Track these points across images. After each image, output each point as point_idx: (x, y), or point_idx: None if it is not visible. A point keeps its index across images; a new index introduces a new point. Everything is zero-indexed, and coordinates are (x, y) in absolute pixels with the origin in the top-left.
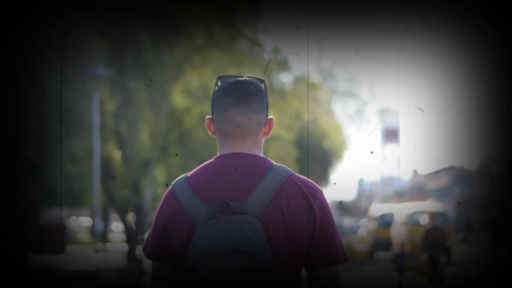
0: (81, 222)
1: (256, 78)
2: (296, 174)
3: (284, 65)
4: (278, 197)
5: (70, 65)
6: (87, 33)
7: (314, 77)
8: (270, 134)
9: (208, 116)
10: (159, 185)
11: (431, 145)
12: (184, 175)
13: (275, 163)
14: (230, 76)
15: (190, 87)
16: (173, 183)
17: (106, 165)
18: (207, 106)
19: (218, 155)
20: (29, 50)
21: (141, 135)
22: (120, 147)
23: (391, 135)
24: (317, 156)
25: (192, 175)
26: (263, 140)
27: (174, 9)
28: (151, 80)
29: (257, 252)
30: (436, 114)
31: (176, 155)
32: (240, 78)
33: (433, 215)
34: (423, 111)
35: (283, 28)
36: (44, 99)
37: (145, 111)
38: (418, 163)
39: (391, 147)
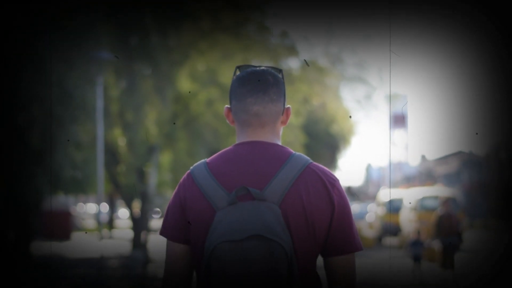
0: (88, 209)
1: (274, 68)
2: (315, 163)
3: (292, 50)
4: (298, 185)
5: (74, 49)
6: (91, 16)
7: (322, 62)
8: (287, 122)
9: (226, 106)
10: (165, 171)
11: (439, 130)
12: (203, 160)
13: (293, 151)
14: (248, 66)
15: (196, 71)
16: (191, 167)
17: (111, 151)
18: (214, 91)
19: (236, 142)
20: (31, 34)
21: (147, 120)
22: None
23: (399, 120)
24: (326, 141)
25: (211, 161)
26: (281, 129)
27: None
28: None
29: (277, 238)
30: (444, 99)
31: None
32: (257, 68)
33: (446, 201)
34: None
35: (292, 12)
36: (47, 84)
37: (150, 96)
38: (426, 148)
39: (399, 133)
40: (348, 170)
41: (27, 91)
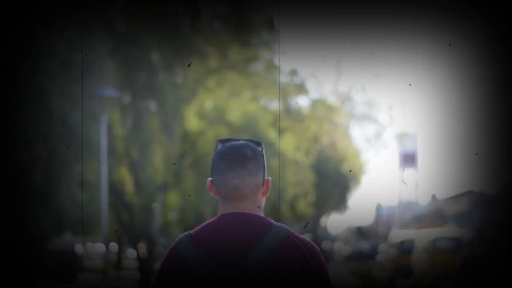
0: (96, 249)
1: (253, 141)
2: (295, 234)
3: (301, 88)
4: (278, 255)
5: (77, 86)
6: (96, 52)
7: (332, 100)
8: (268, 194)
9: (209, 178)
10: (172, 210)
11: (450, 169)
12: (187, 232)
13: (274, 222)
14: (228, 140)
15: (204, 109)
16: (176, 240)
17: (117, 190)
18: (222, 129)
19: (219, 214)
20: (36, 71)
21: (154, 159)
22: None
23: (409, 159)
24: (336, 180)
25: (194, 232)
26: (263, 200)
27: (187, 29)
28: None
29: None
30: (455, 137)
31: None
32: (236, 142)
33: (470, 242)
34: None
35: (300, 50)
36: (51, 122)
37: (157, 134)
38: (436, 187)
39: (409, 172)
40: (358, 210)
41: (30, 128)
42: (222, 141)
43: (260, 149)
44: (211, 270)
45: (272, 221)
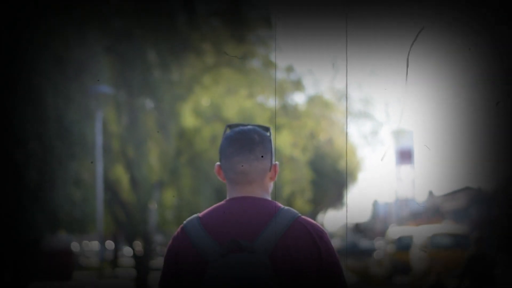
0: (92, 247)
1: (261, 126)
2: (303, 217)
3: (298, 85)
4: (287, 238)
5: (72, 83)
6: (91, 49)
7: (328, 97)
8: (276, 178)
9: (217, 163)
10: (168, 209)
11: (446, 166)
12: (195, 215)
13: (282, 206)
14: (237, 125)
15: (200, 106)
16: (184, 222)
17: (112, 189)
18: (218, 127)
19: (227, 198)
20: (30, 68)
21: (150, 157)
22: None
23: (405, 156)
24: (333, 178)
25: (203, 216)
26: (271, 184)
27: (183, 25)
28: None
29: (266, 287)
30: (451, 134)
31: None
32: (245, 127)
33: (478, 239)
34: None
35: (297, 46)
36: (46, 119)
37: (153, 132)
38: (433, 184)
39: (405, 169)
40: (355, 206)
41: (24, 126)
42: (230, 126)
43: (268, 134)
44: (221, 255)
45: (280, 204)
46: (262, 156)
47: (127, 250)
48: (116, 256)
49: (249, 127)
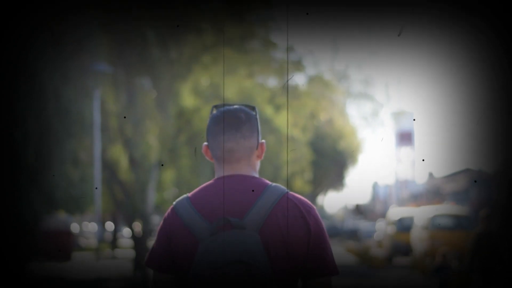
0: (92, 228)
1: (247, 106)
2: (291, 193)
3: (298, 65)
4: (275, 214)
5: (69, 62)
6: (89, 27)
7: (328, 78)
8: (263, 157)
9: (204, 143)
10: (167, 189)
11: (447, 147)
12: (185, 195)
13: (270, 182)
14: (223, 105)
15: (200, 86)
16: (174, 203)
17: (111, 168)
18: None
19: (215, 177)
20: (28, 47)
21: (148, 136)
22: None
23: (405, 138)
24: (333, 158)
25: (193, 195)
26: (257, 163)
27: (182, 4)
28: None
29: (257, 263)
30: (452, 115)
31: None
32: (230, 107)
33: (486, 217)
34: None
35: (297, 27)
36: (44, 98)
37: (151, 111)
38: (433, 166)
39: (405, 150)
40: (355, 188)
41: (23, 105)
42: (216, 106)
43: (254, 113)
44: (212, 233)
45: (268, 181)
46: (249, 135)
47: (126, 231)
48: (116, 237)
49: (235, 106)
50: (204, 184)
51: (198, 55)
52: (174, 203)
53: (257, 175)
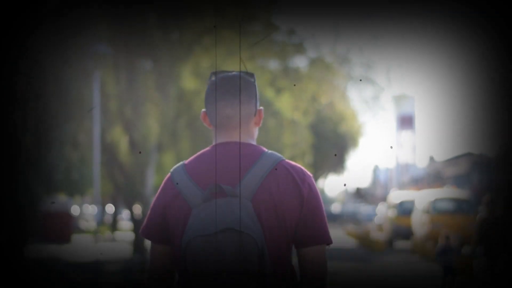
0: (92, 211)
1: (246, 72)
2: (287, 160)
3: (299, 48)
4: (269, 181)
5: (69, 43)
6: (89, 8)
7: (330, 60)
8: (261, 123)
9: (203, 110)
10: (167, 172)
11: (448, 131)
12: (181, 162)
13: (266, 149)
14: (221, 72)
15: (200, 68)
16: (171, 170)
17: (110, 150)
18: None
19: (213, 144)
20: (27, 28)
21: (149, 119)
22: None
23: (406, 122)
24: (333, 141)
25: (189, 163)
26: (255, 130)
27: None
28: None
29: (249, 230)
30: (453, 99)
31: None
32: (229, 73)
33: (490, 202)
34: None
35: (299, 10)
36: (43, 79)
37: (151, 93)
38: (434, 150)
39: (406, 134)
40: (356, 171)
41: (21, 86)
42: (215, 73)
43: (252, 80)
44: (204, 200)
45: (264, 149)
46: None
47: (126, 214)
48: (116, 219)
49: (233, 72)
50: (201, 151)
51: (199, 37)
52: (171, 170)
53: (254, 143)
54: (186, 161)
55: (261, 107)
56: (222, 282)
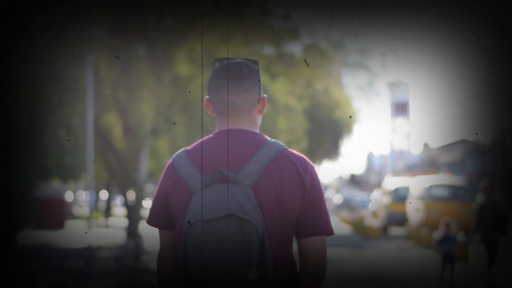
0: (86, 197)
1: (250, 60)
2: (290, 150)
3: (294, 33)
4: (271, 169)
5: (63, 27)
6: None
7: (325, 47)
8: (264, 111)
9: (206, 97)
10: (161, 157)
11: (442, 118)
12: (184, 148)
13: (269, 138)
14: (225, 59)
15: (195, 53)
16: (173, 156)
17: (104, 136)
18: None
19: (216, 131)
20: (21, 11)
21: (143, 104)
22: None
23: (400, 108)
24: (329, 127)
25: (191, 149)
26: (259, 117)
27: None
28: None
29: (249, 217)
30: (447, 86)
31: (174, 123)
32: (232, 60)
33: (489, 188)
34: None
35: None
36: (36, 63)
37: (146, 78)
38: (428, 136)
39: (400, 121)
40: (350, 158)
41: (15, 70)
42: (219, 60)
43: (256, 67)
44: (206, 186)
45: (267, 137)
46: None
47: (120, 200)
48: (109, 205)
49: (237, 60)
50: (204, 138)
51: (193, 22)
52: (173, 156)
53: (257, 131)
54: (188, 147)
55: (265, 95)
56: (221, 269)
